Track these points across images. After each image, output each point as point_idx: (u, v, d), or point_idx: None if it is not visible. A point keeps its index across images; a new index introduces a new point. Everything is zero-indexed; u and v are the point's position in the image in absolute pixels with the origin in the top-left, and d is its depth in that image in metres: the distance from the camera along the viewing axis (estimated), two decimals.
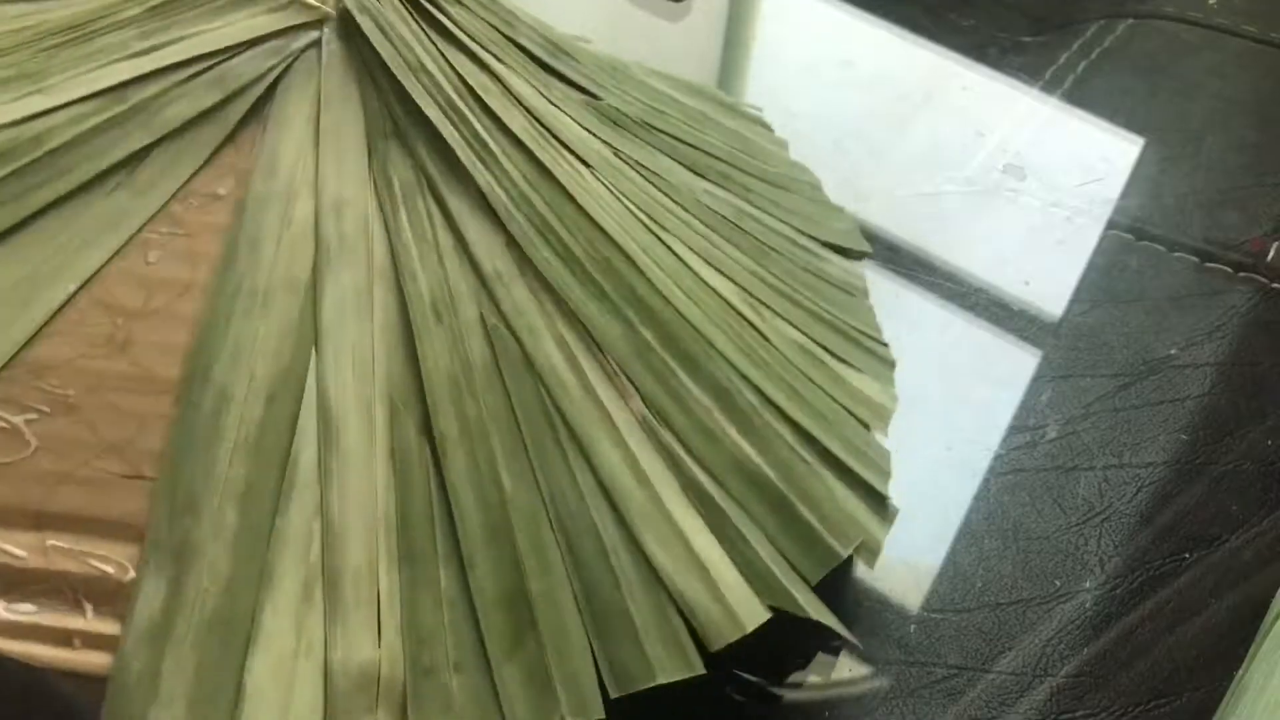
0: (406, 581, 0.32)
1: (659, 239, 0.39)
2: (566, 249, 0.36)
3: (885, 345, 0.44)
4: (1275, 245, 0.50)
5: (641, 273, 0.37)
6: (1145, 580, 0.39)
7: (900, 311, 0.48)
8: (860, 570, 0.40)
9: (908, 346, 0.47)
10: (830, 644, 0.38)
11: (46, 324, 0.32)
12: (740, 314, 0.39)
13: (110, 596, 0.29)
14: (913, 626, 0.38)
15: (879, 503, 0.37)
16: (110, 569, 0.30)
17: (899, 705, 0.36)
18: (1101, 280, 0.49)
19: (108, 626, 0.29)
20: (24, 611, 0.28)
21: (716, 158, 0.46)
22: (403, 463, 0.33)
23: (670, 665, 0.32)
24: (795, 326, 0.41)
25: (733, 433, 0.36)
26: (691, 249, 0.40)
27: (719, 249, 0.41)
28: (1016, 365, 0.46)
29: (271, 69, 0.37)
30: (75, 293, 0.33)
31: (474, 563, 0.32)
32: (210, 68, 0.37)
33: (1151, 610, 0.38)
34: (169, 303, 0.33)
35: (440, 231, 0.35)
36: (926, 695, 0.36)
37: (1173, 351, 0.46)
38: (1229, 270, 0.49)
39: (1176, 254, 0.50)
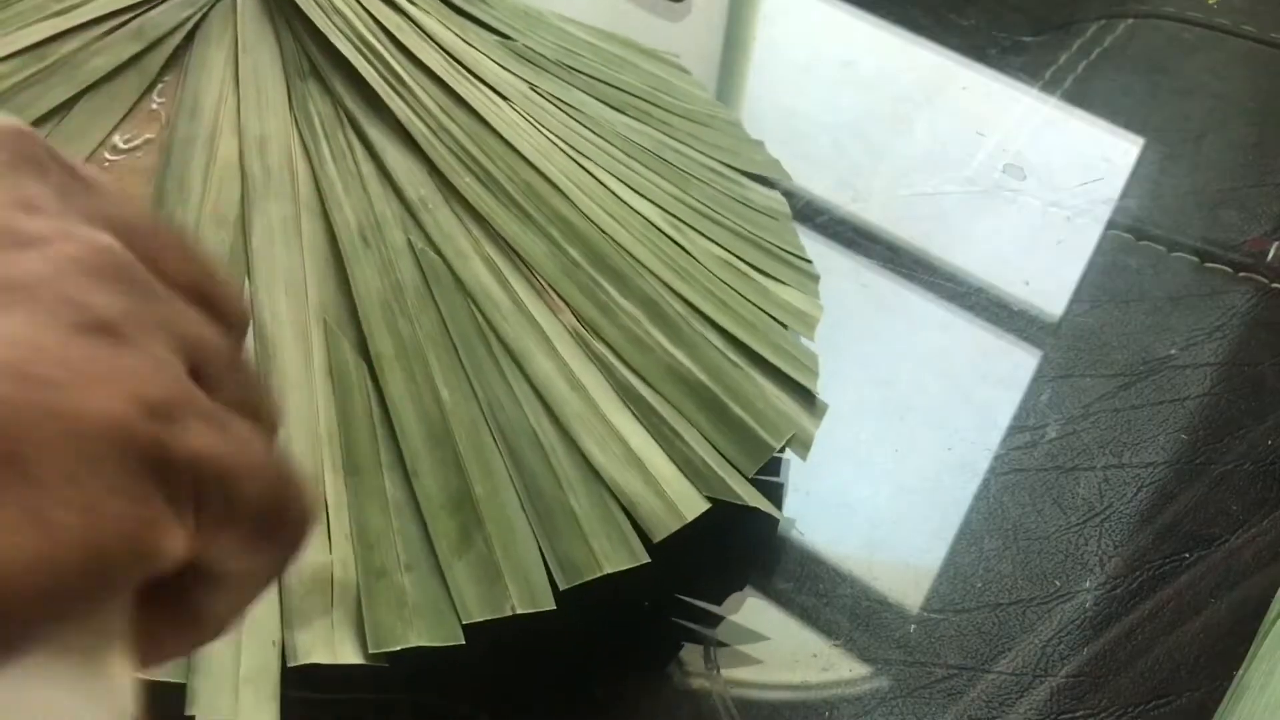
0: (352, 490, 0.33)
1: (580, 165, 0.41)
2: (488, 174, 0.38)
3: (809, 262, 0.45)
4: (1275, 245, 0.50)
5: (564, 195, 0.39)
6: (1145, 580, 0.39)
7: (901, 311, 0.48)
8: (861, 570, 0.40)
9: (908, 347, 0.47)
10: (830, 641, 0.38)
11: None
12: (664, 233, 0.41)
13: None
14: (913, 626, 0.38)
15: (808, 400, 0.39)
16: None
17: (899, 705, 0.36)
18: (1101, 280, 0.49)
19: None
20: None
21: (635, 95, 0.47)
22: (341, 380, 0.34)
23: (615, 557, 0.34)
24: (719, 244, 0.43)
25: (663, 340, 0.38)
26: (613, 175, 0.42)
27: (640, 175, 0.43)
28: (1016, 365, 0.46)
29: (189, 18, 0.38)
30: None
31: (418, 470, 0.34)
32: (128, 20, 0.38)
33: (1151, 610, 0.38)
34: None
35: (363, 162, 0.37)
36: (926, 695, 0.36)
37: (1173, 351, 0.46)
38: (1229, 270, 0.49)
39: (1176, 254, 0.50)
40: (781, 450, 0.37)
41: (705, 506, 0.35)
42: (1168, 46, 0.61)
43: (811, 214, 0.52)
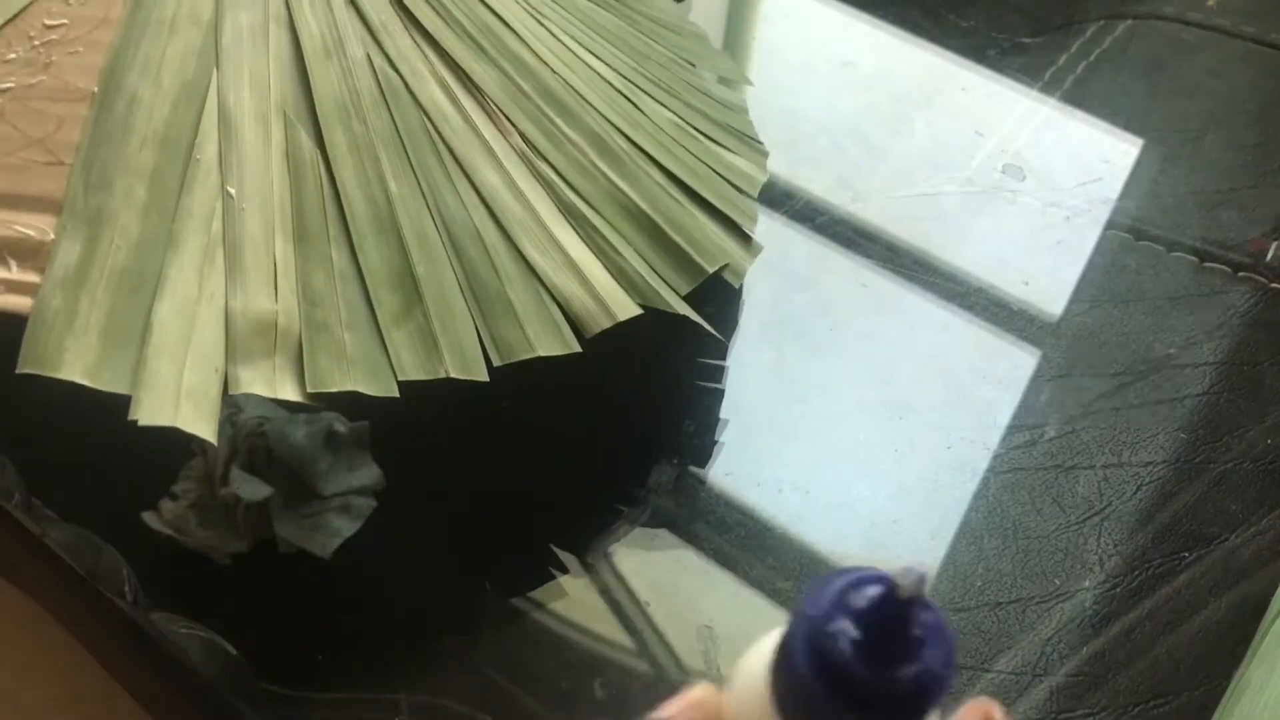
0: (300, 255, 0.36)
1: (539, 22, 0.43)
2: (446, 10, 0.41)
3: (760, 143, 0.47)
4: (1274, 245, 0.50)
5: (519, 37, 0.42)
6: (1145, 579, 0.39)
7: (900, 311, 0.48)
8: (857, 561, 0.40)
9: (908, 347, 0.47)
10: None
11: None
12: (619, 91, 0.43)
13: (32, 254, 0.33)
14: None
15: (745, 240, 0.42)
16: (32, 233, 0.34)
17: None
18: (1101, 280, 0.49)
19: (30, 277, 0.33)
20: None
21: None
22: (296, 163, 0.37)
23: (548, 342, 0.36)
24: (671, 111, 0.45)
25: (607, 170, 0.40)
26: (571, 38, 0.44)
27: (599, 44, 0.45)
28: (1016, 365, 0.46)
29: None
30: (2, 26, 0.37)
31: (363, 247, 0.36)
32: None
33: (1151, 609, 0.39)
34: (86, 33, 0.37)
35: None
36: None
37: (1172, 351, 0.46)
38: (1228, 270, 0.49)
39: (1175, 254, 0.50)
40: (714, 275, 0.39)
41: (637, 311, 0.37)
42: (1167, 47, 0.61)
43: (811, 214, 0.52)
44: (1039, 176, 0.54)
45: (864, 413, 0.44)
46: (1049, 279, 0.49)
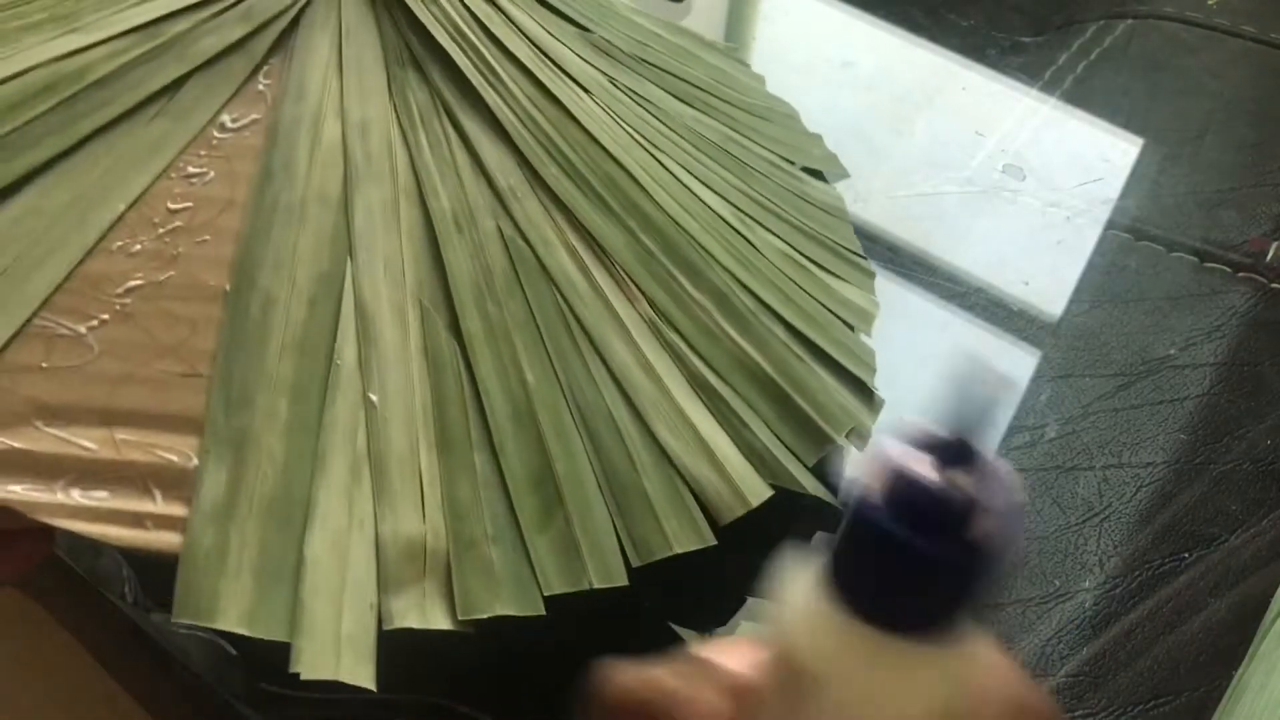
0: (444, 465, 0.34)
1: (654, 158, 0.42)
2: (572, 166, 0.39)
3: (865, 258, 0.47)
4: (1274, 245, 0.50)
5: (641, 187, 0.40)
6: (1144, 580, 0.39)
7: (900, 311, 0.48)
8: None
9: (908, 347, 0.47)
10: None
11: (100, 241, 0.34)
12: (732, 226, 0.42)
13: (176, 482, 0.31)
14: None
15: (866, 395, 0.41)
16: (175, 458, 0.32)
17: None
18: (1101, 280, 0.49)
19: (176, 509, 0.31)
20: (98, 498, 0.30)
21: (701, 89, 0.48)
22: (435, 359, 0.36)
23: (684, 537, 0.35)
24: (782, 239, 0.44)
25: (732, 332, 0.39)
26: (684, 168, 0.43)
27: (707, 168, 0.44)
28: (1016, 365, 0.46)
29: (294, 3, 0.38)
30: (125, 212, 0.35)
31: (504, 448, 0.35)
32: (237, 3, 0.38)
33: (1151, 610, 0.39)
34: (212, 219, 0.35)
35: (457, 151, 0.38)
36: None
37: (1172, 351, 0.46)
38: (1228, 270, 0.49)
39: (1175, 254, 0.50)
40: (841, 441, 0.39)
41: (769, 494, 0.36)
42: (1167, 46, 0.61)
43: None
44: (1039, 176, 0.54)
45: None
46: (1049, 279, 0.49)
